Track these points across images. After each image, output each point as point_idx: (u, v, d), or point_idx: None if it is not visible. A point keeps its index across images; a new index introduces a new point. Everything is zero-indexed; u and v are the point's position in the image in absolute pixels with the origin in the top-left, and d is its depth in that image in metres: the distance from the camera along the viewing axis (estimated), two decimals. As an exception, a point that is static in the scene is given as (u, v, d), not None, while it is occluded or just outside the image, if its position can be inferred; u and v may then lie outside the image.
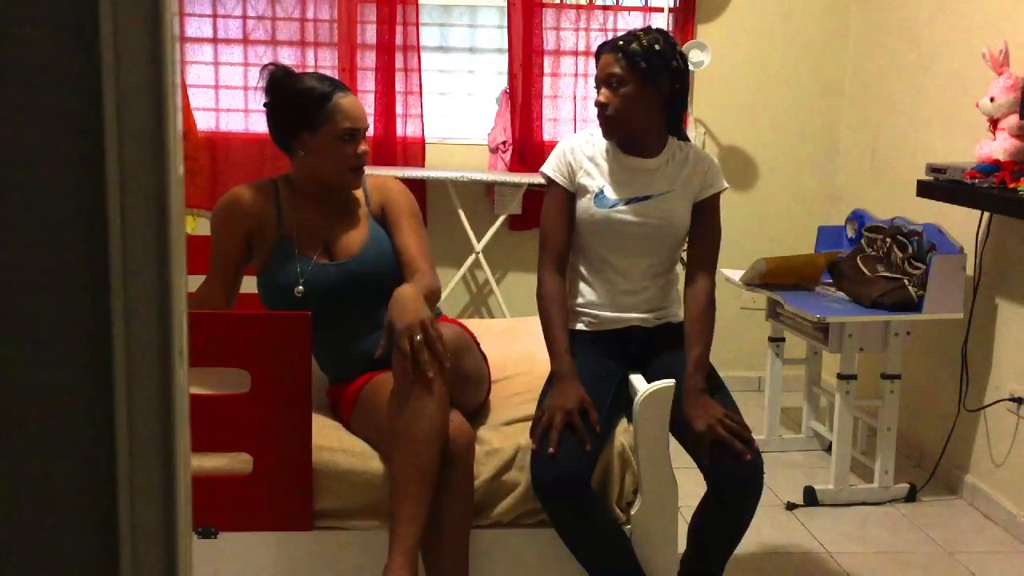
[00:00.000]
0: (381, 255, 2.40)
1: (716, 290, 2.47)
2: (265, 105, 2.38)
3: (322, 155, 2.33)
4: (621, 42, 2.34)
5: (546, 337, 2.36)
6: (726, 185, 2.48)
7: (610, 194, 2.40)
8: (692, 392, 2.27)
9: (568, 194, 2.43)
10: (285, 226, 2.38)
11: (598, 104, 2.37)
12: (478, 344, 2.45)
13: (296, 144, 2.34)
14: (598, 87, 2.38)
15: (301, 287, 2.33)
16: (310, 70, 4.17)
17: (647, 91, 2.33)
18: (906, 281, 3.22)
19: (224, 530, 2.19)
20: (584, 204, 2.41)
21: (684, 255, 2.77)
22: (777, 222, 4.47)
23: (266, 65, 2.38)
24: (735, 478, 2.21)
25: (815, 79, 4.43)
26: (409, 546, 2.05)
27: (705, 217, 2.45)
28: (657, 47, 2.32)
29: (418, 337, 2.06)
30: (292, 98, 2.32)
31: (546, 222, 2.43)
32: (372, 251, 2.39)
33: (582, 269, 2.46)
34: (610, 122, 2.36)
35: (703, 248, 2.46)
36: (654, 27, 2.45)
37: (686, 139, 2.50)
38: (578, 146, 2.45)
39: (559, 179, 2.43)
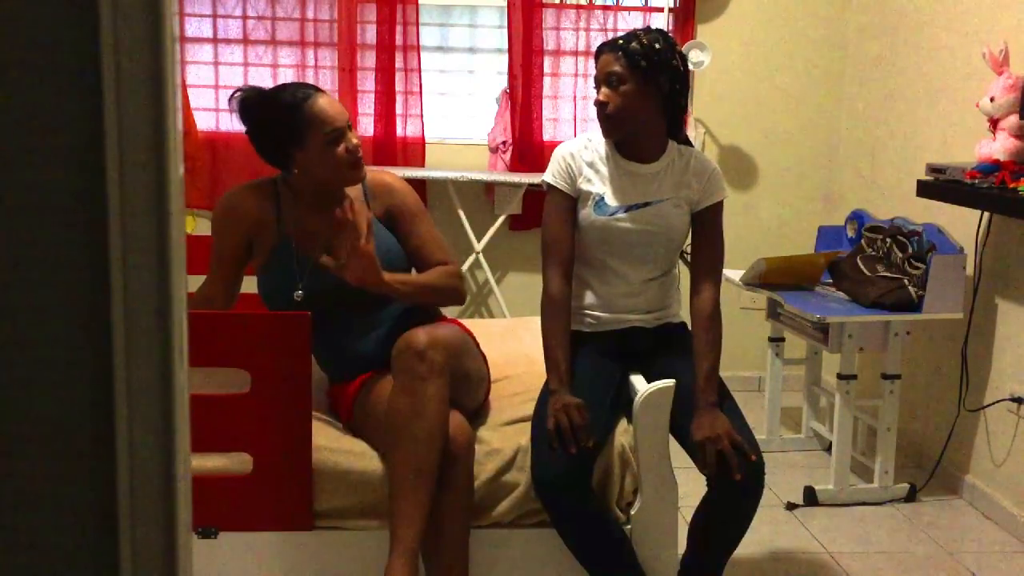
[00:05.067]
0: (383, 256, 2.39)
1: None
2: (247, 133, 2.35)
3: (317, 165, 2.30)
4: (621, 41, 2.34)
5: (546, 353, 2.33)
6: (727, 194, 2.47)
7: (610, 201, 2.39)
8: (703, 406, 2.26)
9: (571, 199, 2.41)
10: (285, 227, 2.37)
11: (598, 103, 2.35)
12: (477, 344, 2.45)
13: (289, 163, 2.32)
14: (597, 86, 2.37)
15: (300, 292, 2.33)
16: (305, 78, 4.17)
17: (647, 90, 2.32)
18: (906, 281, 3.22)
19: (224, 530, 2.19)
20: (584, 211, 2.40)
21: (687, 256, 2.76)
22: (777, 222, 4.47)
23: (234, 92, 2.35)
24: (733, 479, 2.20)
25: (815, 79, 4.43)
26: (410, 546, 2.05)
27: (707, 227, 2.43)
28: (657, 46, 2.31)
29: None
30: (268, 122, 2.29)
31: (550, 228, 2.40)
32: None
33: (582, 272, 2.45)
34: (610, 121, 2.36)
35: (707, 259, 2.43)
36: (654, 27, 2.44)
37: (688, 143, 2.49)
38: (577, 151, 2.43)
39: (561, 185, 2.41)
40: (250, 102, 2.32)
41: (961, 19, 3.53)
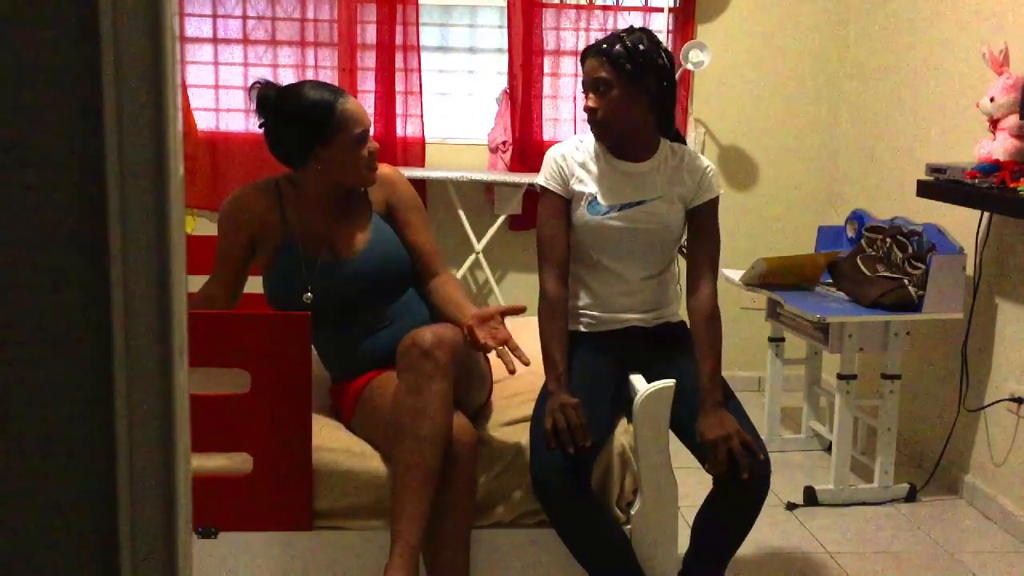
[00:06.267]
0: (386, 252, 2.40)
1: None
2: (262, 125, 2.33)
3: (339, 163, 2.31)
4: (605, 45, 2.33)
5: (544, 354, 2.33)
6: (720, 191, 2.46)
7: (603, 201, 2.39)
8: (710, 406, 2.26)
9: (564, 201, 2.41)
10: (289, 227, 2.37)
11: (587, 109, 2.36)
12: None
13: (310, 159, 2.31)
14: (585, 91, 2.37)
15: (310, 294, 2.33)
16: (307, 78, 4.15)
17: (634, 92, 2.32)
18: (906, 281, 3.22)
19: (224, 530, 2.19)
20: (578, 212, 2.40)
21: (684, 250, 2.76)
22: (777, 222, 4.47)
23: (253, 85, 2.33)
24: (742, 478, 2.20)
25: (815, 79, 4.43)
26: (411, 545, 2.05)
27: (702, 224, 2.43)
28: (641, 47, 2.31)
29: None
30: (297, 116, 2.28)
31: (544, 231, 2.41)
32: (377, 248, 2.39)
33: (578, 272, 2.46)
34: (601, 126, 2.36)
35: (703, 256, 2.43)
36: (638, 27, 2.43)
37: (680, 140, 2.49)
38: (568, 153, 2.43)
39: (554, 187, 2.41)
40: (277, 94, 2.31)
41: (961, 19, 3.53)
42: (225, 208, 2.40)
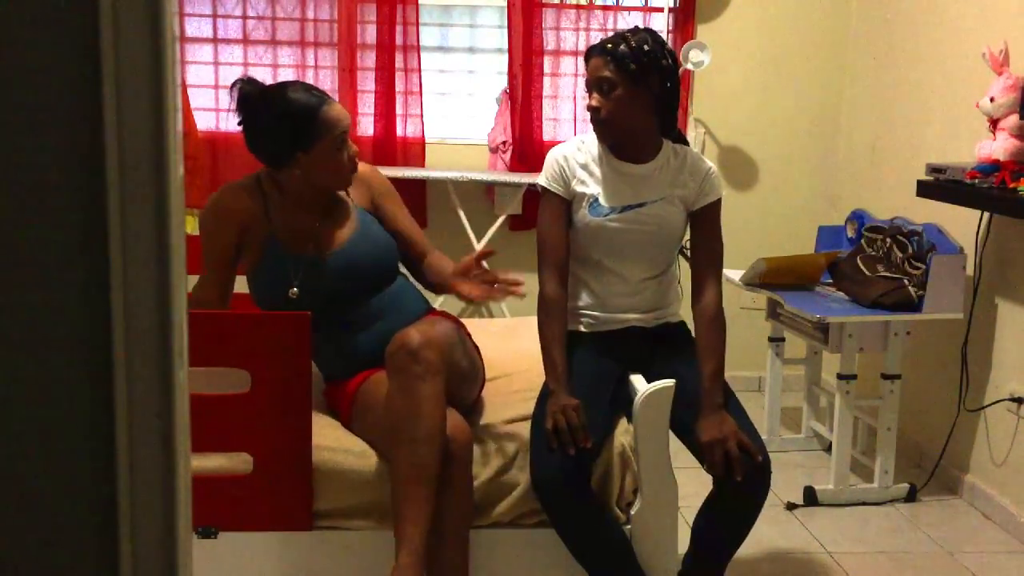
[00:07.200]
0: (372, 246, 2.39)
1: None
2: (241, 123, 2.30)
3: (320, 168, 2.30)
4: (610, 44, 2.32)
5: (544, 355, 2.33)
6: (722, 193, 2.46)
7: (604, 202, 2.38)
8: (709, 408, 2.26)
9: (565, 203, 2.41)
10: (273, 224, 2.36)
11: (590, 108, 2.35)
12: (469, 335, 2.44)
13: (291, 163, 2.30)
14: (589, 91, 2.36)
15: (296, 289, 2.32)
16: (296, 79, 4.14)
17: (638, 93, 2.31)
18: (906, 281, 3.22)
19: (224, 530, 2.19)
20: (579, 213, 2.40)
21: (686, 251, 2.76)
22: (777, 222, 4.47)
23: (235, 83, 2.31)
24: (741, 479, 2.20)
25: (815, 79, 4.43)
26: (416, 547, 2.05)
27: (705, 227, 2.42)
28: (646, 47, 2.30)
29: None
30: (279, 120, 2.25)
31: (544, 232, 2.40)
32: (362, 243, 2.38)
33: (579, 272, 2.45)
34: (603, 125, 2.35)
35: (706, 259, 2.43)
36: (643, 27, 2.43)
37: (683, 141, 2.49)
38: (570, 154, 2.43)
39: (556, 188, 2.41)
40: (258, 97, 2.28)
41: (961, 19, 3.53)
42: (209, 209, 2.37)
